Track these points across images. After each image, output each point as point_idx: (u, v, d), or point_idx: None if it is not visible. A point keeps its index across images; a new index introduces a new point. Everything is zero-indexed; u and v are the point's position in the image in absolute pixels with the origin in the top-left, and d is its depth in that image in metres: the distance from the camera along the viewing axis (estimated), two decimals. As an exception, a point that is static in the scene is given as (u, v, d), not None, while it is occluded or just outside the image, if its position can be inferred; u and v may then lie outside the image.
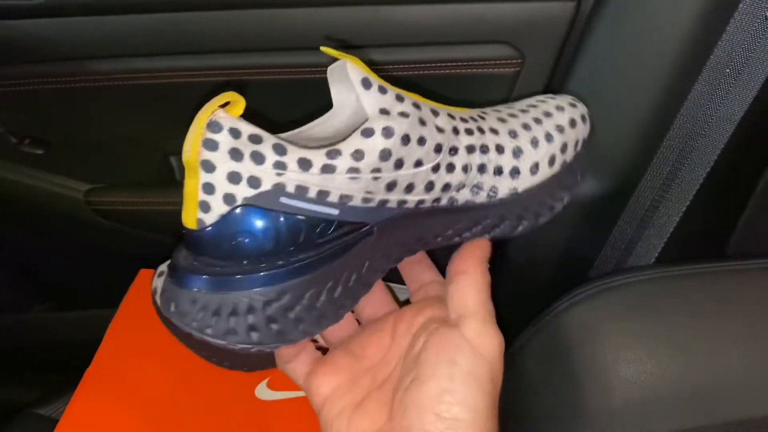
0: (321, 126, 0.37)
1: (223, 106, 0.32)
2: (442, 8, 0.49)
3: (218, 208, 0.29)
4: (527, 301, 0.56)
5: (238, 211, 0.30)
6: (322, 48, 0.34)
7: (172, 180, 0.62)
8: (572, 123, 0.42)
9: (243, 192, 0.30)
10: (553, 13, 0.48)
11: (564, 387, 0.48)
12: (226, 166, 0.29)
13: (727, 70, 0.46)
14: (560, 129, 0.41)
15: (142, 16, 0.50)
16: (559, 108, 0.43)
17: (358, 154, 0.31)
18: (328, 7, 0.49)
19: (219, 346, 0.47)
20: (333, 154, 0.31)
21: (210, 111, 0.30)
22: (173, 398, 0.47)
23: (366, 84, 0.32)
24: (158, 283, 0.49)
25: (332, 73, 0.36)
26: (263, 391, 0.49)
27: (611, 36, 0.48)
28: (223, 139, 0.30)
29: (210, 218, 0.29)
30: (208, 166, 0.29)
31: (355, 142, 0.31)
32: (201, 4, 0.49)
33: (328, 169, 0.31)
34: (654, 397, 0.45)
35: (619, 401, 0.45)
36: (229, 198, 0.30)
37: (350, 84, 0.33)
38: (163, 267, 0.50)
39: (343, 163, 0.31)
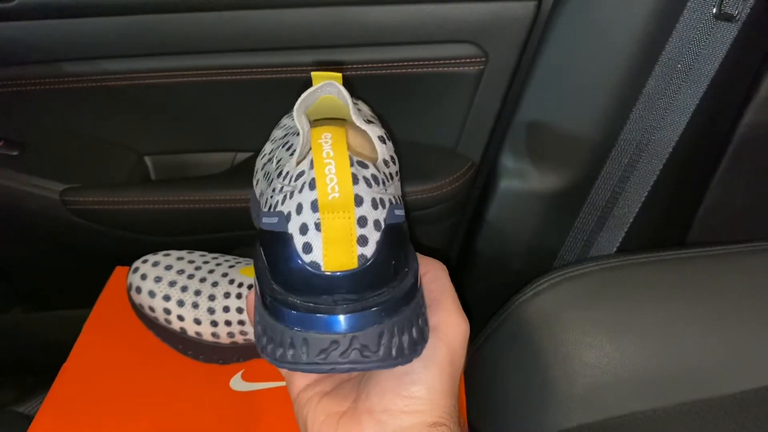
0: None
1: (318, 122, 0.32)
2: (408, 8, 0.50)
3: (373, 237, 0.28)
4: (496, 291, 0.58)
5: (386, 234, 0.29)
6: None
7: (148, 180, 0.63)
8: None
9: (381, 215, 0.29)
10: (515, 12, 0.50)
11: (529, 374, 0.50)
12: (369, 195, 0.28)
13: (679, 66, 0.48)
14: None
15: (115, 18, 0.51)
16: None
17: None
18: (296, 9, 0.50)
19: (196, 340, 0.49)
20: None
21: (342, 141, 0.29)
22: (149, 392, 0.48)
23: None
24: (133, 279, 0.50)
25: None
26: (238, 383, 0.50)
27: (570, 35, 0.50)
28: (362, 170, 0.29)
29: (369, 251, 0.28)
30: (359, 200, 0.28)
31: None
32: (174, 7, 0.50)
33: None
34: (616, 380, 0.46)
35: (582, 386, 0.47)
36: (377, 224, 0.29)
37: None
38: (138, 263, 0.51)
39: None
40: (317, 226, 0.28)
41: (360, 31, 0.52)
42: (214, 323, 0.48)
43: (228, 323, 0.48)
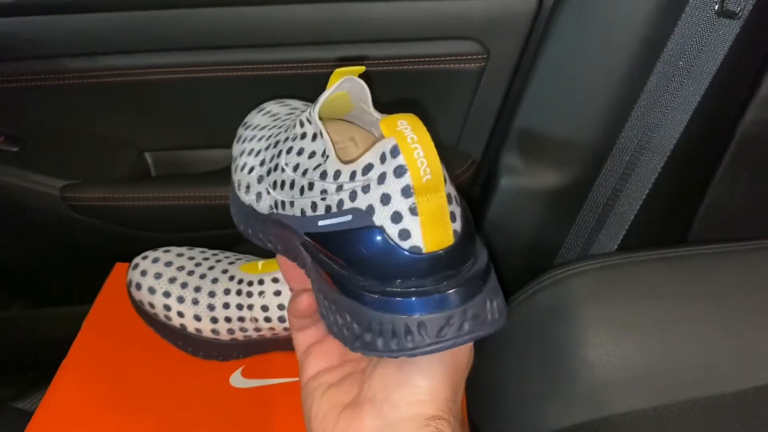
0: None
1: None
2: (409, 5, 0.50)
3: (457, 211, 0.29)
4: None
5: (463, 207, 0.30)
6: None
7: (148, 176, 0.62)
8: None
9: (453, 190, 0.29)
10: (516, 9, 0.50)
11: (530, 371, 0.50)
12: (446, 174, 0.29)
13: (681, 63, 0.48)
14: None
15: (116, 14, 0.51)
16: None
17: None
18: (297, 5, 0.50)
19: (196, 337, 0.49)
20: None
21: (420, 125, 0.28)
22: (148, 389, 0.48)
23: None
24: (132, 275, 0.50)
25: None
26: (238, 380, 0.49)
27: (571, 32, 0.50)
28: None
29: (458, 225, 0.29)
30: (445, 179, 0.28)
31: None
32: (175, 3, 0.50)
33: None
34: (617, 378, 0.46)
35: (583, 384, 0.47)
36: (457, 199, 0.29)
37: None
38: (138, 260, 0.51)
39: None
40: (413, 211, 0.28)
41: (361, 28, 0.52)
42: (214, 320, 0.48)
43: (228, 320, 0.48)
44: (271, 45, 0.54)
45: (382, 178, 0.28)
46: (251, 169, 0.37)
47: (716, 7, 0.46)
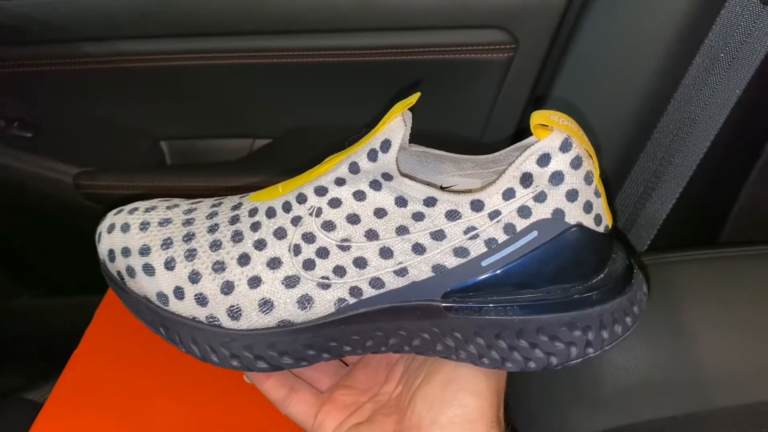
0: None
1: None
2: (436, -8, 0.49)
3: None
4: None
5: None
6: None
7: (163, 165, 0.61)
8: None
9: None
10: (547, -3, 0.48)
11: (555, 375, 0.48)
12: None
13: (722, 55, 0.46)
14: None
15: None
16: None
17: None
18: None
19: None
20: None
21: (561, 113, 0.28)
22: (161, 381, 0.47)
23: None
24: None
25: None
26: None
27: (605, 21, 0.48)
28: None
29: None
30: None
31: None
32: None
33: None
34: (645, 383, 0.45)
35: (610, 388, 0.45)
36: None
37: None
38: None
39: None
40: (597, 194, 0.27)
41: (384, 14, 0.50)
42: None
43: None
44: (290, 32, 0.52)
45: (557, 178, 0.25)
46: (256, 281, 0.28)
47: (762, -4, 0.44)
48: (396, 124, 0.26)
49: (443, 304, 0.27)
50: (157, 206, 0.32)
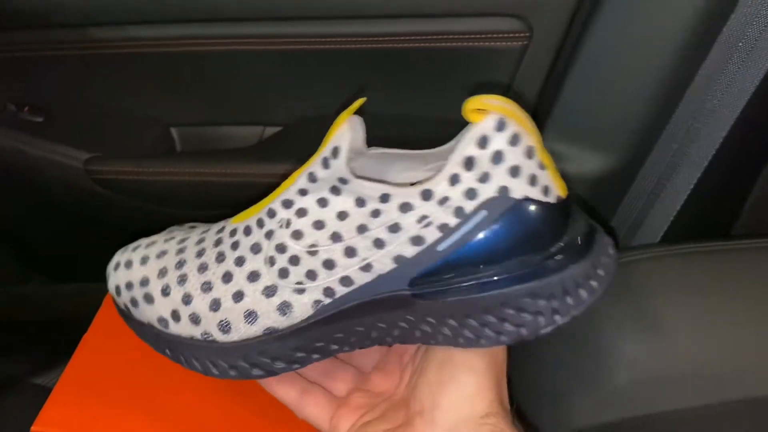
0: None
1: None
2: (446, -22, 0.48)
3: None
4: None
5: None
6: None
7: (172, 151, 0.61)
8: None
9: None
10: (563, -16, 0.48)
11: (567, 365, 0.48)
12: None
13: (740, 44, 0.45)
14: None
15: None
16: None
17: None
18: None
19: None
20: None
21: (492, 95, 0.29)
22: (169, 367, 0.47)
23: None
24: None
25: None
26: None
27: (622, 9, 0.47)
28: None
29: None
30: None
31: None
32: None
33: None
34: (659, 376, 0.44)
35: (623, 380, 0.45)
36: None
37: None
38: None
39: None
40: (542, 167, 0.27)
41: (393, 1, 0.49)
42: None
43: None
44: (302, 18, 0.52)
45: (497, 158, 0.26)
46: (240, 295, 0.30)
47: (783, -17, 0.43)
48: (342, 131, 0.28)
49: (411, 292, 0.29)
50: (156, 240, 0.35)
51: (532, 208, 0.27)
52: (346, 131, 0.28)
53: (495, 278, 0.28)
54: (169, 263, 0.33)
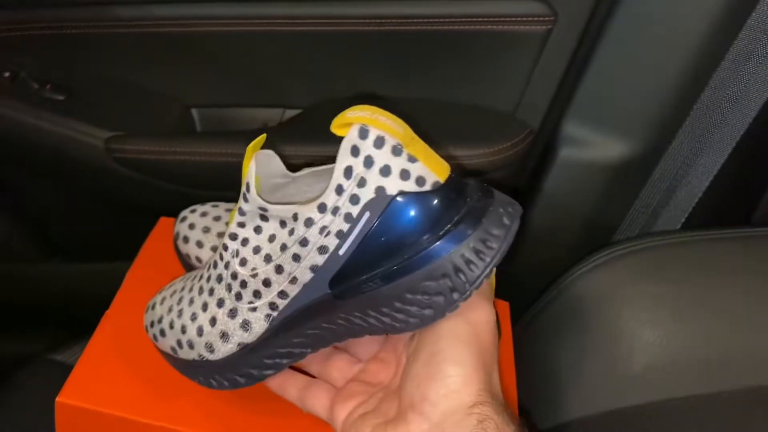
0: None
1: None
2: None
3: None
4: (547, 265, 0.55)
5: None
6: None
7: (193, 131, 0.61)
8: None
9: None
10: (589, -32, 0.47)
11: (584, 350, 0.48)
12: None
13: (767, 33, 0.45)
14: None
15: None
16: None
17: None
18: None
19: None
20: None
21: (356, 106, 0.31)
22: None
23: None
24: (180, 228, 0.48)
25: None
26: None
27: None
28: None
29: None
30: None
31: None
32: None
33: None
34: (676, 361, 0.44)
35: (639, 365, 0.45)
36: None
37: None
38: (186, 212, 0.49)
39: None
40: (412, 159, 0.30)
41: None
42: None
43: None
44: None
45: (368, 162, 0.29)
46: (214, 320, 0.36)
47: (813, -31, 0.43)
48: (249, 168, 0.32)
49: (332, 294, 0.32)
50: (175, 283, 0.41)
51: (409, 199, 0.30)
52: (252, 169, 0.32)
53: (396, 269, 0.30)
54: (174, 300, 0.39)
